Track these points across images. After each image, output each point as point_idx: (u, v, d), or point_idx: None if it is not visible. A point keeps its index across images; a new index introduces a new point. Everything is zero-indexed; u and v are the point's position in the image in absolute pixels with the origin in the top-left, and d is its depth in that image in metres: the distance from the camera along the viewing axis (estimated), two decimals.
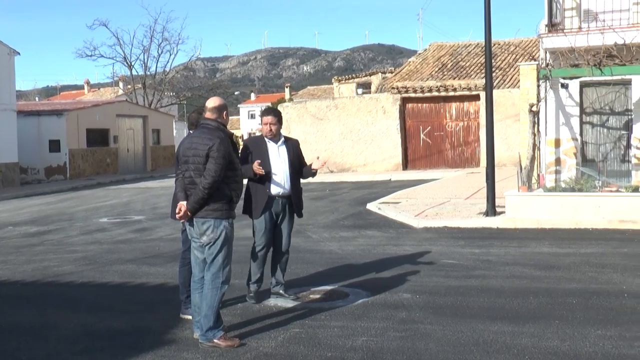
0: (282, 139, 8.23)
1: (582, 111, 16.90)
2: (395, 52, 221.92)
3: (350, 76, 45.49)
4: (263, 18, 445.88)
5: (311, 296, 8.34)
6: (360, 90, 40.32)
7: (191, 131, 7.51)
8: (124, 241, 13.86)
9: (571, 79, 16.19)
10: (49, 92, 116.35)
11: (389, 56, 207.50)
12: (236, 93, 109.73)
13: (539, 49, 17.95)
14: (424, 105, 29.49)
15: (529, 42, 33.01)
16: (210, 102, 6.79)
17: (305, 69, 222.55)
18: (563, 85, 16.51)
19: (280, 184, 8.05)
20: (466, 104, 29.00)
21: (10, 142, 31.79)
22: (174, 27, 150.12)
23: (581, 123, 16.90)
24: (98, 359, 6.44)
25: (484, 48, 15.01)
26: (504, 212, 13.95)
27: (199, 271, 6.70)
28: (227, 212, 6.56)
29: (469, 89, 28.51)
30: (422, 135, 29.48)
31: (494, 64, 30.09)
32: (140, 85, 53.18)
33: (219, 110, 6.68)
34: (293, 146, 8.30)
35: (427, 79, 30.82)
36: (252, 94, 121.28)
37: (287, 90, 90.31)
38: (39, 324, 7.67)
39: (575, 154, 16.86)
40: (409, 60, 36.57)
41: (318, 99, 36.99)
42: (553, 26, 16.44)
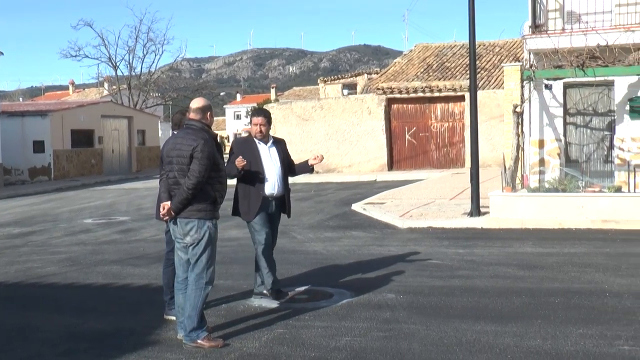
0: (272, 139, 8.22)
1: (566, 112, 17.00)
2: (381, 52, 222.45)
3: (336, 77, 45.51)
4: (249, 19, 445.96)
5: (295, 297, 8.34)
6: (346, 91, 40.34)
7: (175, 132, 7.50)
8: (109, 242, 13.82)
9: (555, 80, 16.29)
10: (33, 92, 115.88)
11: (375, 57, 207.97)
12: (222, 94, 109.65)
13: (523, 50, 18.04)
14: (409, 106, 29.57)
15: (514, 43, 33.18)
16: (195, 103, 6.79)
17: (291, 69, 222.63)
18: (547, 86, 16.60)
19: (273, 185, 8.04)
20: (451, 104, 29.09)
21: None
22: (159, 27, 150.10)
23: (565, 124, 17.00)
24: None
25: (469, 49, 15.08)
26: (488, 213, 14.01)
27: (182, 272, 6.70)
28: (211, 212, 6.57)
29: (454, 89, 28.61)
30: (407, 136, 29.56)
31: (479, 65, 30.24)
32: (125, 86, 53.04)
33: (202, 111, 6.68)
34: (282, 146, 8.31)
35: (413, 79, 30.91)
36: (238, 95, 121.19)
37: (272, 91, 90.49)
38: (21, 325, 7.63)
39: (559, 154, 16.96)
40: (395, 61, 36.67)
41: (304, 99, 36.99)
42: (537, 27, 16.54)
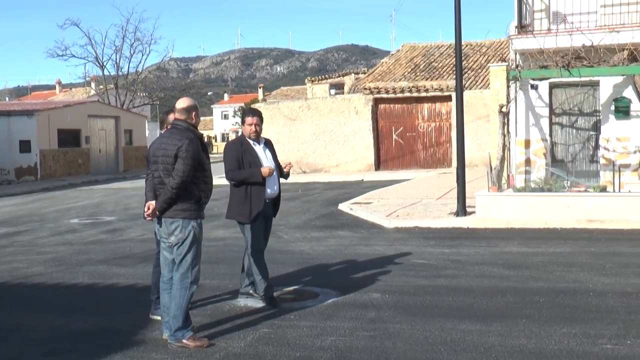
0: (263, 140, 8.16)
1: (552, 112, 17.08)
2: (368, 52, 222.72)
3: (323, 77, 45.59)
4: (237, 18, 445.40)
5: (281, 296, 8.35)
6: (333, 91, 40.41)
7: (162, 131, 7.50)
8: (95, 242, 13.79)
9: (541, 80, 16.36)
10: (19, 92, 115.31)
11: (363, 57, 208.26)
12: (209, 93, 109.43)
13: (509, 51, 18.11)
14: (397, 106, 29.62)
15: (501, 43, 33.25)
16: (180, 103, 6.79)
17: (278, 69, 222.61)
18: (533, 87, 16.67)
19: (272, 186, 7.99)
20: (438, 104, 29.16)
21: None
22: (147, 27, 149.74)
23: (551, 124, 17.08)
24: None
25: (454, 49, 15.12)
26: (474, 212, 14.06)
27: (167, 271, 6.70)
28: (196, 212, 6.57)
29: (441, 89, 28.68)
30: (394, 136, 29.61)
31: (466, 65, 30.34)
32: (112, 86, 52.84)
33: (187, 111, 6.68)
34: (272, 147, 8.26)
35: (400, 79, 30.95)
36: (226, 95, 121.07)
37: (260, 90, 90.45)
38: (6, 325, 7.61)
39: (544, 154, 17.03)
40: (382, 61, 36.69)
41: (291, 99, 36.99)
42: (522, 28, 16.60)
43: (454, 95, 25.35)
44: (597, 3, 16.19)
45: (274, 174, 7.96)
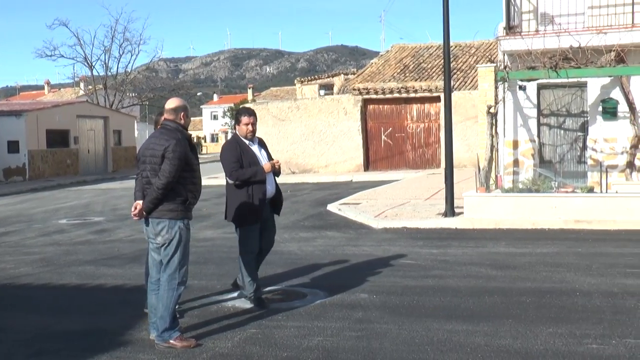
0: (257, 139, 8.12)
1: (540, 113, 17.15)
2: (358, 53, 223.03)
3: (313, 77, 45.62)
4: (226, 19, 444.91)
5: (269, 297, 8.36)
6: (322, 92, 40.44)
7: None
8: (83, 242, 13.76)
9: (529, 81, 16.43)
10: (8, 92, 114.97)
11: (352, 57, 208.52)
12: (199, 94, 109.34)
13: (498, 51, 18.18)
14: (386, 106, 29.67)
15: (490, 44, 33.36)
16: (169, 104, 6.79)
17: (268, 70, 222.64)
18: (521, 87, 16.73)
19: (271, 186, 7.98)
20: (427, 105, 29.22)
21: None
22: (136, 27, 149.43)
23: (539, 125, 17.15)
24: None
25: (443, 50, 15.16)
26: (462, 213, 14.09)
27: (156, 272, 6.69)
28: (183, 212, 6.56)
29: (430, 90, 28.74)
30: (383, 137, 29.65)
31: (455, 66, 30.41)
32: (101, 86, 52.72)
33: (175, 111, 6.67)
34: (265, 146, 8.23)
35: (389, 80, 31.01)
36: (215, 95, 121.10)
37: (250, 91, 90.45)
38: None
39: (532, 155, 17.11)
40: (371, 61, 36.75)
41: (280, 100, 37.00)
42: (511, 29, 16.68)
43: (442, 96, 25.51)
44: (585, 5, 16.29)
45: (271, 173, 7.95)
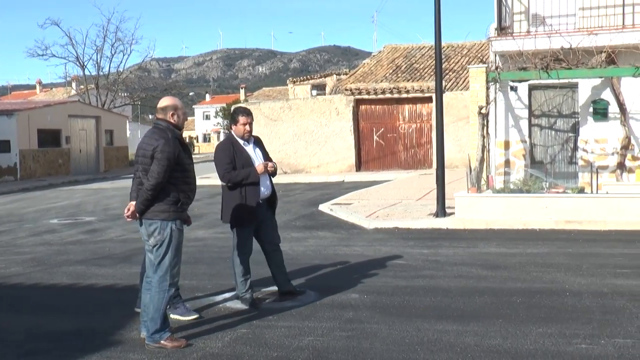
0: (252, 139, 8.09)
1: (531, 114, 17.21)
2: (350, 53, 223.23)
3: (305, 77, 45.59)
4: (219, 19, 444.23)
5: (260, 297, 8.36)
6: (315, 92, 40.42)
7: None
8: (74, 242, 13.73)
9: (520, 81, 16.47)
10: None
11: (345, 58, 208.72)
12: (191, 94, 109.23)
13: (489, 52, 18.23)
14: (378, 107, 29.69)
15: (482, 45, 33.44)
16: (160, 103, 6.77)
17: (260, 70, 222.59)
18: (512, 88, 16.78)
19: (266, 186, 7.96)
20: (419, 105, 29.26)
21: None
22: (128, 27, 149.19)
23: (530, 125, 17.20)
24: None
25: (434, 51, 15.18)
26: (453, 213, 14.12)
27: (152, 272, 6.67)
28: (175, 213, 6.53)
29: (422, 91, 28.77)
30: (375, 137, 29.68)
31: (447, 66, 30.47)
32: (93, 86, 52.60)
33: (163, 110, 6.63)
34: (261, 145, 8.19)
35: (381, 80, 31.03)
36: (207, 95, 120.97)
37: (242, 91, 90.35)
38: None
39: (524, 155, 17.16)
40: (364, 62, 36.78)
41: (272, 100, 36.98)
42: (502, 30, 16.73)
43: (434, 97, 25.55)
44: (576, 6, 16.34)
45: (267, 173, 7.93)
